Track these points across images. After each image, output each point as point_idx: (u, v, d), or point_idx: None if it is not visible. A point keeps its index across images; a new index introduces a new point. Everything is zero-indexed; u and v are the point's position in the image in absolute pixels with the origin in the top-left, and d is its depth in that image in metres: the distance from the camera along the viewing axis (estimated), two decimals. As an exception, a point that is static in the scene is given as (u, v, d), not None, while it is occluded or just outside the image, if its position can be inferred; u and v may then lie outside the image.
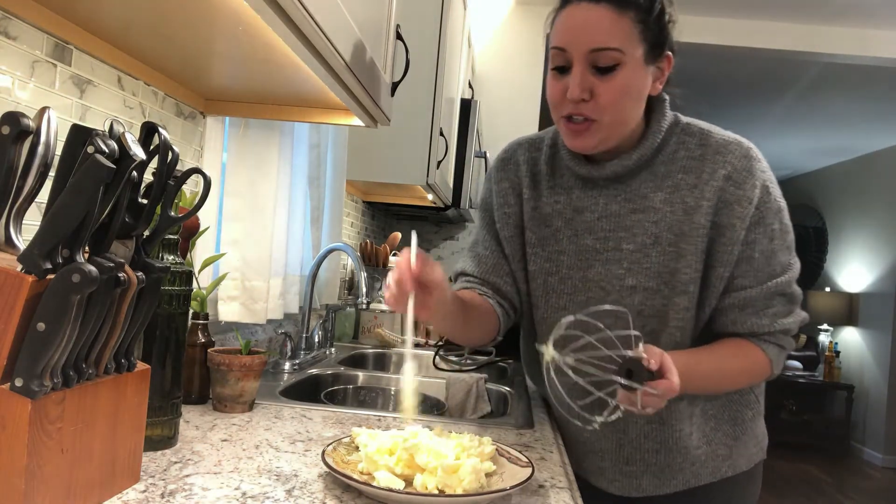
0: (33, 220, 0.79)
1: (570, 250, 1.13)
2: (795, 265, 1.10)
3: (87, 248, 0.64)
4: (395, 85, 1.36)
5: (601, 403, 0.93)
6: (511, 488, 0.78)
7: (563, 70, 1.02)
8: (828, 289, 6.47)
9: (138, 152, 0.62)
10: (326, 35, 0.87)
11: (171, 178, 0.72)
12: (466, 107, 2.60)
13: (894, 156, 5.78)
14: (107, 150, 0.58)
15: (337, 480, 0.81)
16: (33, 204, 0.62)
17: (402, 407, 0.86)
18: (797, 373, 6.12)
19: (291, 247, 1.64)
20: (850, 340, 6.16)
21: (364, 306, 2.16)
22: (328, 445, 0.86)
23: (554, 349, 0.91)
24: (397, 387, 1.62)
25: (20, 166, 0.59)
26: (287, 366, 1.55)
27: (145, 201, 0.70)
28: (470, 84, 3.13)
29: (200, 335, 1.15)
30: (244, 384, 1.10)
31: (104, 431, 0.67)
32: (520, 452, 0.89)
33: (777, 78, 4.34)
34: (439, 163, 2.15)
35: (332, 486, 0.80)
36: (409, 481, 0.79)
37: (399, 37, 1.34)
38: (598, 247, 1.10)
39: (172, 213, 0.74)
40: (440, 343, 2.01)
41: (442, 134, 2.12)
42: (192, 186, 1.24)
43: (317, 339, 1.80)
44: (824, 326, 6.27)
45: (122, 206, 0.65)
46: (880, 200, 5.90)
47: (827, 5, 3.28)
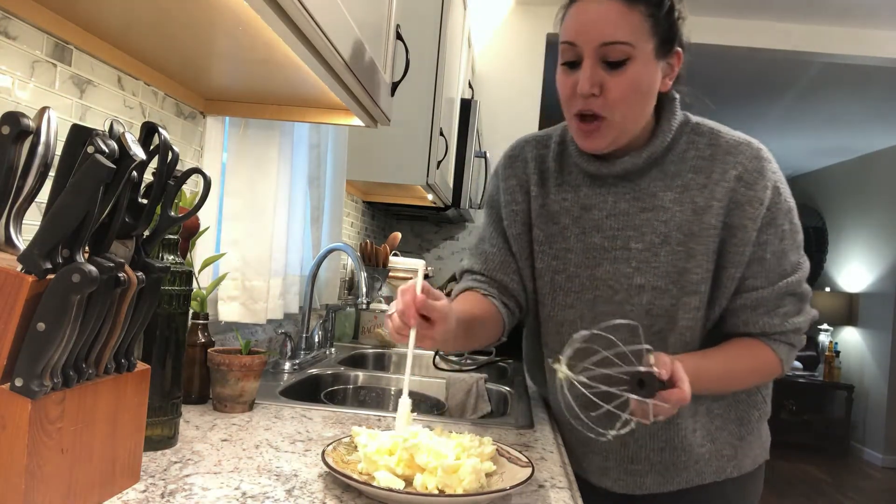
0: (33, 220, 0.79)
1: (577, 248, 1.12)
2: (805, 264, 1.10)
3: (87, 248, 0.64)
4: (395, 85, 1.36)
5: (613, 415, 0.93)
6: (511, 488, 0.78)
7: (572, 65, 1.02)
8: (828, 289, 6.47)
9: (138, 152, 0.62)
10: (326, 35, 0.87)
11: (171, 178, 0.72)
12: (466, 107, 2.60)
13: (894, 156, 5.78)
14: (107, 150, 0.58)
15: (337, 480, 0.81)
16: (33, 204, 0.62)
17: (395, 425, 0.87)
18: (797, 373, 6.12)
19: (291, 247, 1.64)
20: (850, 340, 6.16)
21: (364, 306, 2.15)
22: (328, 445, 0.86)
23: (567, 366, 0.92)
24: (397, 387, 1.62)
25: (20, 166, 0.59)
26: (287, 366, 1.55)
27: (145, 201, 0.70)
28: (470, 84, 3.13)
29: (200, 335, 1.16)
30: (244, 384, 1.10)
31: (104, 431, 0.67)
32: (520, 452, 0.89)
33: (777, 78, 4.34)
34: (439, 163, 2.15)
35: (332, 486, 0.80)
36: (409, 481, 0.79)
37: (399, 37, 1.34)
38: (607, 245, 1.10)
39: (172, 213, 0.74)
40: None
41: (442, 134, 2.12)
42: (192, 186, 1.24)
43: (317, 339, 1.80)
44: (824, 326, 6.27)
45: (122, 206, 0.65)
46: (880, 200, 5.90)
47: (827, 5, 3.28)
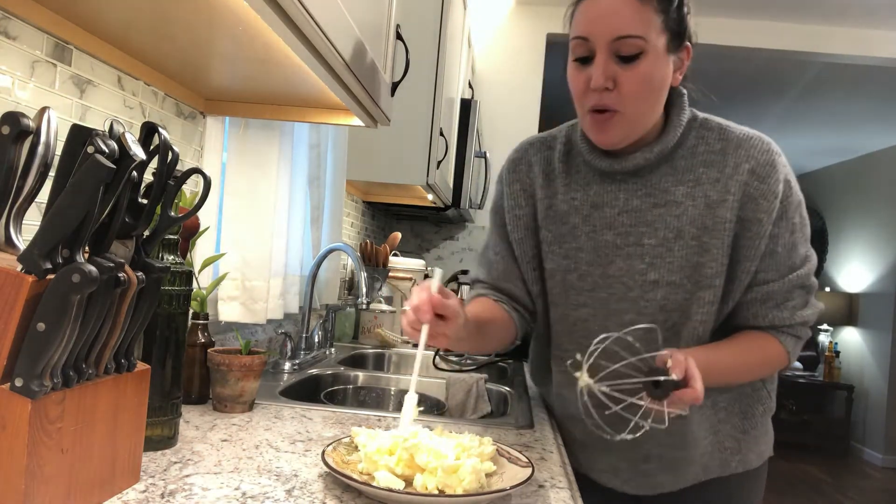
0: (33, 220, 0.79)
1: (588, 247, 1.12)
2: (813, 257, 1.11)
3: (87, 248, 0.64)
4: (395, 85, 1.36)
5: (628, 417, 0.94)
6: (511, 488, 0.78)
7: (585, 61, 1.02)
8: (828, 289, 6.48)
9: (138, 152, 0.62)
10: (326, 35, 0.87)
11: (171, 178, 0.72)
12: (466, 107, 2.60)
13: (894, 156, 5.78)
14: (107, 150, 0.58)
15: (337, 480, 0.81)
16: (33, 204, 0.62)
17: (400, 419, 0.88)
18: (797, 373, 6.12)
19: (291, 247, 1.64)
20: (850, 340, 6.16)
21: (364, 306, 2.16)
22: (328, 445, 0.86)
23: (587, 374, 0.93)
24: (397, 387, 1.62)
25: (20, 166, 0.59)
26: (287, 366, 1.55)
27: (145, 201, 0.70)
28: (470, 84, 3.13)
29: (200, 335, 1.16)
30: (244, 384, 1.10)
31: (104, 431, 0.67)
32: (520, 452, 0.89)
33: (777, 78, 4.34)
34: (439, 163, 2.15)
35: (332, 486, 0.80)
36: (409, 481, 0.79)
37: (399, 37, 1.34)
38: (619, 242, 1.10)
39: (172, 213, 0.74)
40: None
41: (442, 134, 2.12)
42: (192, 186, 1.24)
43: (317, 339, 1.80)
44: (824, 326, 6.27)
45: (122, 206, 0.65)
46: (880, 200, 5.90)
47: (827, 5, 3.28)
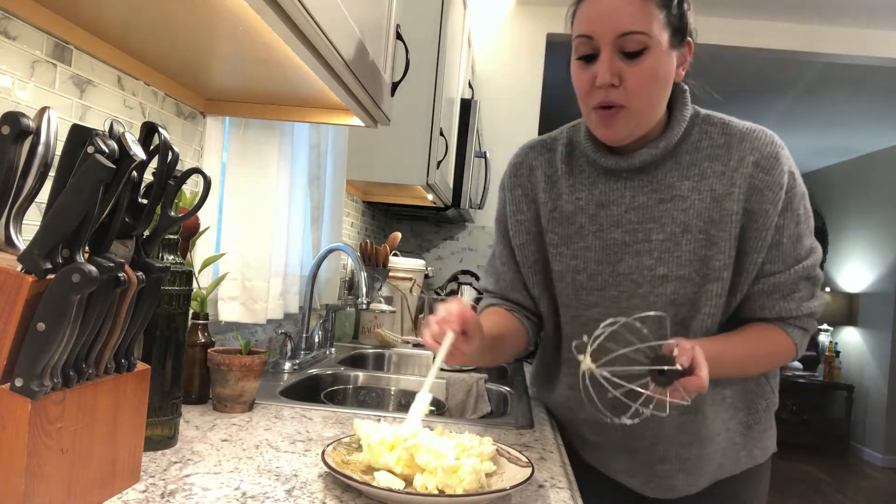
0: (33, 220, 0.79)
1: (596, 246, 1.12)
2: (818, 249, 1.12)
3: (87, 248, 0.64)
4: (395, 85, 1.36)
5: (632, 400, 0.94)
6: (511, 488, 0.78)
7: (589, 59, 1.03)
8: (828, 289, 6.47)
9: (138, 152, 0.62)
10: (326, 35, 0.87)
11: (171, 178, 0.72)
12: (466, 107, 2.60)
13: (894, 156, 5.78)
14: (107, 150, 0.58)
15: (337, 480, 0.81)
16: (33, 204, 0.62)
17: (408, 416, 0.89)
18: (797, 373, 6.12)
19: (291, 247, 1.64)
20: (850, 340, 6.16)
21: (364, 306, 2.15)
22: (328, 445, 0.86)
23: (591, 359, 0.93)
24: (397, 387, 1.62)
25: (20, 166, 0.59)
26: (287, 366, 1.55)
27: (145, 201, 0.70)
28: (470, 84, 3.13)
29: (200, 335, 1.16)
30: (244, 384, 1.10)
31: (104, 431, 0.67)
32: (520, 452, 0.89)
33: (777, 78, 4.34)
34: (439, 163, 2.15)
35: (332, 486, 0.80)
36: (409, 481, 0.79)
37: (399, 37, 1.34)
38: (627, 239, 1.10)
39: (172, 213, 0.74)
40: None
41: (442, 134, 2.12)
42: (192, 186, 1.24)
43: (317, 339, 1.80)
44: (824, 326, 6.27)
45: (122, 206, 0.65)
46: (880, 200, 5.90)
47: (827, 5, 3.28)
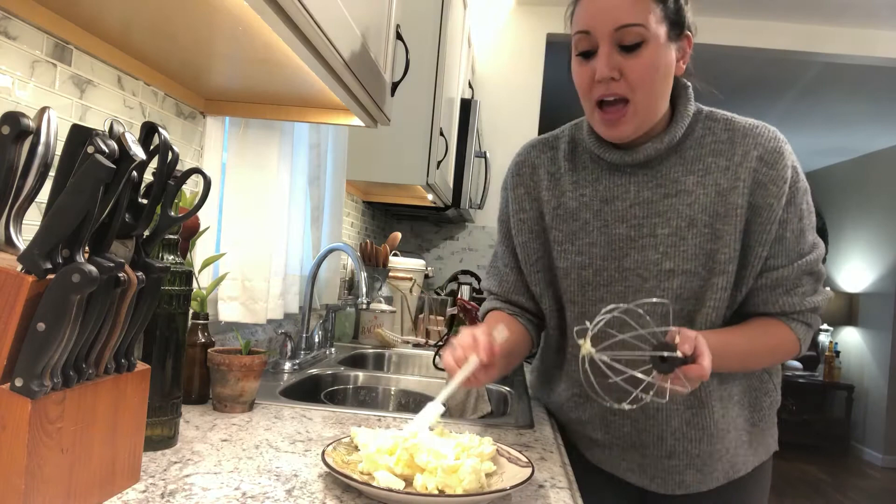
0: (33, 220, 0.79)
1: (601, 241, 1.12)
2: (820, 244, 1.13)
3: (87, 248, 0.64)
4: (395, 85, 1.36)
5: (633, 386, 0.94)
6: (511, 488, 0.78)
7: (588, 55, 1.03)
8: (828, 289, 6.46)
9: (138, 152, 0.62)
10: (326, 35, 0.87)
11: (171, 178, 0.72)
12: (466, 107, 2.60)
13: (894, 156, 5.78)
14: (107, 150, 0.58)
15: (337, 480, 0.81)
16: (33, 204, 0.62)
17: (416, 418, 0.91)
18: (797, 373, 6.12)
19: (291, 247, 1.64)
20: (850, 340, 6.16)
21: (364, 306, 2.16)
22: (328, 445, 0.86)
23: (591, 343, 0.94)
24: (397, 387, 1.62)
25: (20, 166, 0.59)
26: (287, 366, 1.55)
27: (145, 201, 0.70)
28: (470, 84, 3.13)
29: (200, 335, 1.16)
30: (244, 384, 1.10)
31: (104, 431, 0.67)
32: (520, 452, 0.89)
33: (777, 78, 4.34)
34: (439, 163, 2.15)
35: (332, 486, 0.80)
36: (409, 481, 0.79)
37: (399, 37, 1.34)
38: (633, 234, 1.10)
39: (172, 213, 0.74)
40: (440, 343, 2.01)
41: (442, 134, 2.12)
42: (192, 186, 1.24)
43: (317, 339, 1.80)
44: (824, 326, 6.26)
45: (122, 206, 0.65)
46: (880, 200, 5.90)
47: (827, 5, 3.28)
